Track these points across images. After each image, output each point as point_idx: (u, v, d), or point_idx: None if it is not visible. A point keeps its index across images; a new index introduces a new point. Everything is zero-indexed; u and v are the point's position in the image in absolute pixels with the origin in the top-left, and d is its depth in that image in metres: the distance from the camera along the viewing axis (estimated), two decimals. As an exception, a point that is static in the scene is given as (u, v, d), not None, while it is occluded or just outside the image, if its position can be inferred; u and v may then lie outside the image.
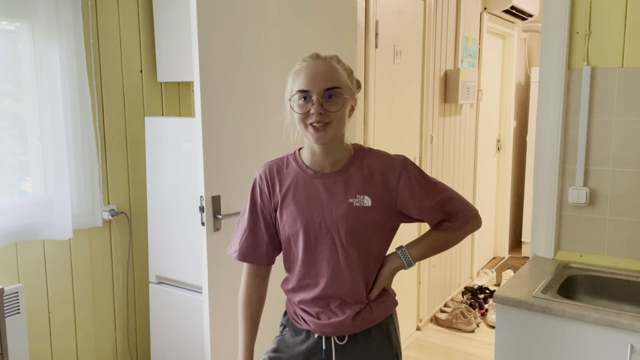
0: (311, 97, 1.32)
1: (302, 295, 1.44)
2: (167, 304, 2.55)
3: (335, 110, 1.33)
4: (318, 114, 1.31)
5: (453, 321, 3.69)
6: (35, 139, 2.30)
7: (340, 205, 1.38)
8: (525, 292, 1.80)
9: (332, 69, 1.35)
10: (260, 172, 1.48)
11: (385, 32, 2.99)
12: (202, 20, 1.95)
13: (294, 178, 1.43)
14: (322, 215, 1.38)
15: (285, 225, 1.42)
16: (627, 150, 2.01)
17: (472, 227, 1.52)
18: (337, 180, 1.40)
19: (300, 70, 1.35)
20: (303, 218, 1.39)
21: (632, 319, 1.58)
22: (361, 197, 1.38)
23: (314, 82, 1.32)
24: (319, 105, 1.32)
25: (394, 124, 3.19)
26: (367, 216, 1.38)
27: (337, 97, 1.33)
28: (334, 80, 1.33)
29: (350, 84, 1.38)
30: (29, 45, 2.26)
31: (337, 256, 1.39)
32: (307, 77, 1.33)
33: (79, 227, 2.39)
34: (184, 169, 2.42)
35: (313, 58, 1.37)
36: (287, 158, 1.47)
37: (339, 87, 1.34)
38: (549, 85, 2.12)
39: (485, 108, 4.60)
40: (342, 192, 1.39)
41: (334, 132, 1.35)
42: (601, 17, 2.01)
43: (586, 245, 2.11)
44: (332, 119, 1.33)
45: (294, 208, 1.41)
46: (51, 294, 2.38)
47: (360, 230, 1.38)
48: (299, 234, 1.40)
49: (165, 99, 2.78)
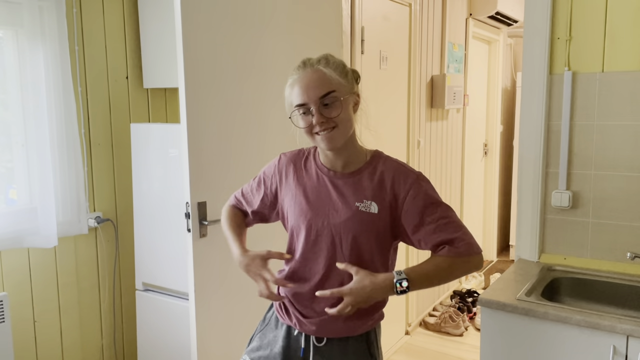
0: (309, 108, 1.33)
1: (293, 288, 1.44)
2: (153, 311, 2.54)
3: (336, 115, 1.32)
4: (321, 123, 1.32)
5: (442, 325, 3.70)
6: (20, 146, 2.29)
7: (346, 207, 1.38)
8: (510, 295, 1.82)
9: (321, 74, 1.33)
10: (281, 157, 1.53)
11: (371, 38, 3.01)
12: (187, 26, 1.95)
13: (309, 172, 1.46)
14: (326, 215, 1.39)
15: (292, 216, 1.45)
16: (608, 154, 2.04)
17: (473, 263, 1.36)
18: (347, 182, 1.40)
19: (293, 84, 1.36)
20: (308, 213, 1.41)
21: (614, 321, 1.60)
22: (368, 203, 1.37)
23: (308, 94, 1.32)
24: (319, 115, 1.32)
25: (380, 129, 3.21)
26: (371, 222, 1.37)
27: (335, 101, 1.33)
28: (326, 85, 1.32)
29: (344, 81, 1.35)
30: (13, 52, 2.25)
31: (333, 257, 1.39)
32: (300, 89, 1.33)
33: (65, 234, 2.37)
34: (170, 176, 2.42)
35: (301, 67, 1.37)
36: (307, 152, 1.50)
37: (333, 91, 1.33)
38: (531, 90, 2.14)
39: (472, 113, 4.64)
40: (350, 194, 1.39)
41: (342, 135, 1.35)
42: (581, 23, 2.05)
43: (570, 248, 2.14)
44: (337, 123, 1.33)
45: (303, 201, 1.43)
46: (36, 302, 2.36)
47: (361, 235, 1.37)
48: (302, 228, 1.41)
49: (152, 105, 2.77)
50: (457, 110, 4.27)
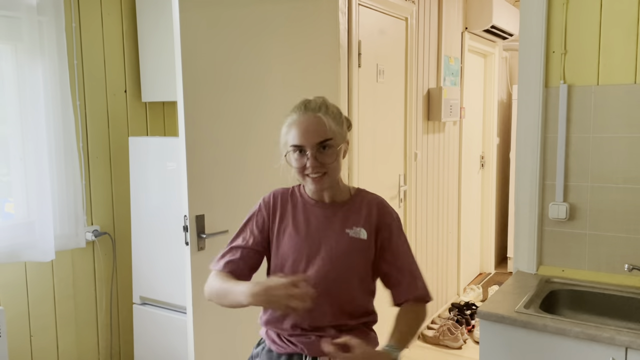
0: (305, 151, 1.38)
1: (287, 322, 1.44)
2: (151, 325, 2.52)
3: (330, 161, 1.39)
4: (314, 167, 1.38)
5: (440, 338, 3.69)
6: (18, 159, 2.29)
7: (337, 235, 1.44)
8: (508, 307, 1.82)
9: (322, 122, 1.39)
10: (265, 197, 1.54)
11: (367, 51, 3.03)
12: (186, 40, 1.97)
13: (296, 206, 1.49)
14: (319, 244, 1.43)
15: (280, 246, 1.47)
16: (604, 166, 2.05)
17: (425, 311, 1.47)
18: (336, 211, 1.47)
19: (292, 125, 1.41)
20: (300, 245, 1.44)
21: (613, 333, 1.60)
22: (357, 229, 1.44)
23: (307, 138, 1.38)
24: (314, 159, 1.38)
25: (378, 142, 3.22)
26: (361, 249, 1.44)
27: (331, 148, 1.39)
28: (325, 133, 1.39)
29: (340, 129, 1.43)
30: (12, 66, 2.26)
31: (328, 284, 1.40)
32: (299, 132, 1.38)
33: (62, 248, 2.36)
34: (168, 189, 2.42)
35: (302, 110, 1.41)
36: (292, 189, 1.54)
37: (330, 139, 1.39)
38: (527, 103, 2.16)
39: (469, 125, 4.66)
40: (340, 222, 1.45)
41: (331, 180, 1.43)
42: (576, 36, 2.07)
43: (568, 260, 2.14)
44: (328, 169, 1.40)
45: (294, 235, 1.46)
46: (33, 317, 2.35)
47: (351, 260, 1.43)
48: (292, 257, 1.44)
49: (150, 119, 2.78)
50: (453, 123, 4.30)
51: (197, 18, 2.01)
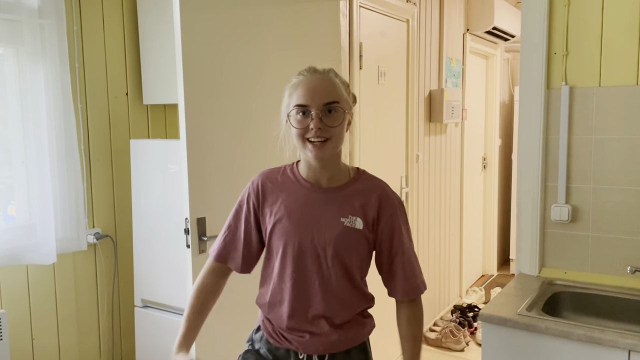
0: (310, 112, 1.30)
1: (279, 310, 1.42)
2: (152, 328, 2.52)
3: (335, 125, 1.31)
4: (317, 129, 1.29)
5: (442, 340, 3.68)
6: (20, 162, 2.29)
7: (331, 224, 1.37)
8: (510, 310, 1.81)
9: (331, 83, 1.33)
10: (254, 179, 1.47)
11: (369, 53, 3.03)
12: (187, 43, 1.97)
13: (289, 190, 1.41)
14: (311, 232, 1.37)
15: (273, 232, 1.41)
16: (606, 168, 2.04)
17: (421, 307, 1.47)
18: (332, 197, 1.39)
19: (298, 84, 1.33)
20: (292, 228, 1.38)
21: (616, 336, 1.59)
22: (353, 218, 1.37)
23: (313, 97, 1.30)
24: (318, 120, 1.29)
25: (379, 144, 3.22)
26: (356, 238, 1.38)
27: (337, 112, 1.32)
28: (334, 94, 1.31)
29: (347, 97, 1.36)
30: (14, 70, 2.26)
31: (321, 274, 1.38)
32: (306, 91, 1.31)
33: (64, 251, 2.36)
34: (169, 191, 2.42)
35: (310, 72, 1.35)
36: (284, 168, 1.46)
37: (338, 102, 1.32)
38: (529, 105, 2.15)
39: (471, 127, 4.66)
40: (335, 210, 1.37)
41: (333, 148, 1.34)
42: (578, 38, 2.06)
43: (570, 262, 2.13)
44: (332, 135, 1.31)
45: (285, 216, 1.39)
46: (34, 320, 2.35)
47: (345, 250, 1.37)
48: (284, 246, 1.39)
49: (152, 121, 2.78)
50: (455, 125, 4.29)
51: (198, 21, 2.01)
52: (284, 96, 1.37)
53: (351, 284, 1.40)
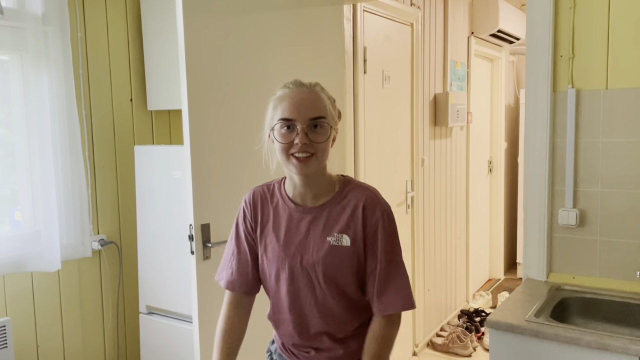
0: (295, 126, 1.27)
1: (282, 328, 1.42)
2: (157, 334, 2.51)
3: (321, 141, 1.28)
4: (303, 144, 1.26)
5: (449, 345, 3.65)
6: (24, 169, 2.29)
7: (318, 244, 1.34)
8: (518, 316, 1.79)
9: (318, 97, 1.30)
10: (246, 197, 1.45)
11: (373, 57, 3.02)
12: (190, 49, 1.96)
13: (277, 209, 1.39)
14: (300, 254, 1.35)
15: (264, 258, 1.40)
16: (614, 171, 2.02)
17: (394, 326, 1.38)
18: (317, 216, 1.35)
19: (284, 98, 1.30)
20: (282, 254, 1.36)
21: (626, 342, 1.56)
22: (339, 236, 1.32)
23: (299, 111, 1.26)
24: (304, 135, 1.26)
25: (384, 148, 3.21)
26: (344, 256, 1.33)
27: (323, 128, 1.28)
28: (320, 109, 1.28)
29: (333, 113, 1.33)
30: (18, 76, 2.26)
31: (315, 295, 1.36)
32: (292, 105, 1.27)
33: (68, 257, 2.36)
34: (174, 198, 2.41)
35: (297, 85, 1.32)
36: (273, 185, 1.43)
37: (324, 117, 1.29)
38: (535, 108, 2.14)
39: (476, 130, 4.64)
40: (321, 229, 1.34)
41: (318, 164, 1.30)
42: (584, 40, 2.05)
43: (578, 267, 2.11)
44: (317, 150, 1.28)
45: (275, 242, 1.37)
46: (39, 327, 2.34)
47: (336, 269, 1.34)
48: (278, 270, 1.37)
49: (156, 127, 2.78)
50: (460, 128, 4.27)
51: (202, 26, 2.00)
52: (267, 109, 1.34)
53: (347, 300, 1.37)
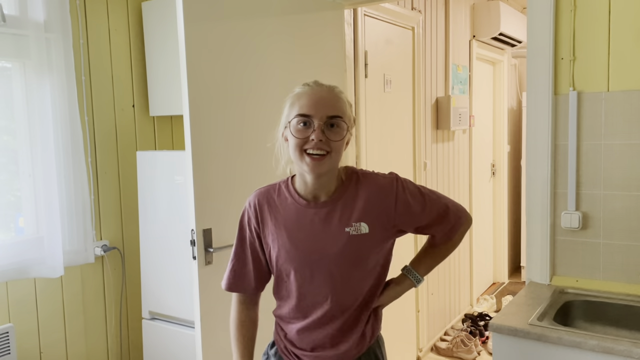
0: (312, 122, 1.27)
1: (295, 326, 1.41)
2: (160, 340, 2.51)
3: (337, 139, 1.28)
4: (318, 141, 1.26)
5: (454, 350, 3.63)
6: (27, 176, 2.30)
7: (336, 237, 1.34)
8: (521, 319, 1.78)
9: (337, 96, 1.31)
10: (250, 200, 1.44)
11: (374, 62, 3.03)
12: (191, 55, 1.97)
13: (286, 208, 1.38)
14: (317, 249, 1.34)
15: (278, 258, 1.38)
16: (616, 173, 2.01)
17: (466, 228, 1.50)
18: (331, 209, 1.35)
19: (302, 95, 1.30)
20: (297, 252, 1.35)
21: (630, 345, 1.55)
22: (358, 225, 1.33)
23: (317, 108, 1.27)
24: (320, 132, 1.26)
25: (386, 152, 3.20)
26: (365, 243, 1.35)
27: (340, 127, 1.29)
28: (338, 108, 1.29)
29: (350, 115, 1.34)
30: (21, 83, 2.28)
31: (334, 288, 1.36)
32: (310, 101, 1.28)
33: (71, 263, 2.36)
34: (176, 203, 2.42)
35: (316, 84, 1.33)
36: (279, 185, 1.42)
37: (342, 117, 1.29)
38: (536, 111, 2.13)
39: (479, 133, 4.63)
40: (337, 221, 1.34)
41: (331, 163, 1.30)
42: (585, 43, 2.04)
43: (582, 270, 2.10)
44: (332, 149, 1.28)
45: (287, 241, 1.36)
46: (42, 333, 2.35)
47: (358, 258, 1.35)
48: (294, 268, 1.37)
49: (158, 133, 2.79)
50: (463, 131, 4.27)
51: (202, 32, 2.01)
52: (284, 106, 1.34)
53: (370, 290, 1.40)
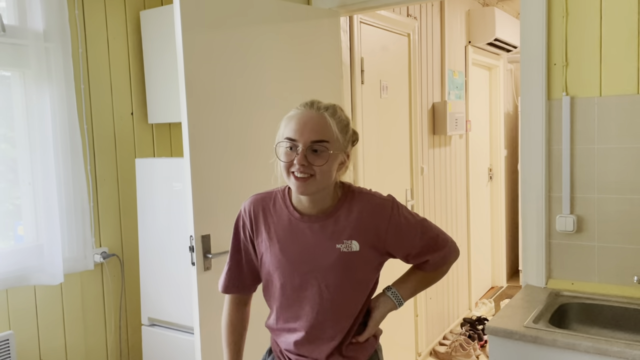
0: (297, 146, 1.30)
1: (285, 337, 1.43)
2: (160, 346, 2.52)
3: (320, 164, 1.30)
4: (301, 165, 1.29)
5: (452, 354, 3.64)
6: (27, 184, 2.32)
7: (327, 252, 1.36)
8: (517, 322, 1.80)
9: (323, 121, 1.31)
10: (245, 206, 1.46)
11: (370, 68, 3.05)
12: (189, 62, 2.00)
13: (280, 218, 1.40)
14: (307, 262, 1.37)
15: (269, 265, 1.41)
16: (610, 177, 2.04)
17: (454, 260, 1.52)
18: (324, 224, 1.37)
19: (292, 118, 1.33)
20: (287, 263, 1.38)
21: (623, 347, 1.57)
22: (349, 242, 1.36)
23: (302, 132, 1.29)
24: (302, 156, 1.29)
25: (383, 158, 3.23)
26: (355, 261, 1.37)
27: (323, 151, 1.30)
28: (323, 133, 1.30)
29: (341, 137, 1.33)
30: (20, 92, 2.30)
31: (321, 302, 1.38)
32: (297, 125, 1.30)
33: (71, 270, 2.38)
34: (174, 209, 2.43)
35: (307, 106, 1.34)
36: (275, 194, 1.44)
37: (326, 141, 1.30)
38: (530, 116, 2.16)
39: (476, 138, 4.66)
40: (329, 237, 1.36)
41: (317, 185, 1.32)
42: (577, 48, 2.07)
43: (577, 273, 2.12)
44: (316, 172, 1.30)
45: (278, 251, 1.39)
46: (42, 340, 2.36)
47: (347, 276, 1.37)
48: (283, 278, 1.39)
49: (157, 140, 2.81)
50: (459, 136, 4.29)
51: (200, 40, 2.04)
52: (279, 127, 1.37)
53: (358, 306, 1.41)
